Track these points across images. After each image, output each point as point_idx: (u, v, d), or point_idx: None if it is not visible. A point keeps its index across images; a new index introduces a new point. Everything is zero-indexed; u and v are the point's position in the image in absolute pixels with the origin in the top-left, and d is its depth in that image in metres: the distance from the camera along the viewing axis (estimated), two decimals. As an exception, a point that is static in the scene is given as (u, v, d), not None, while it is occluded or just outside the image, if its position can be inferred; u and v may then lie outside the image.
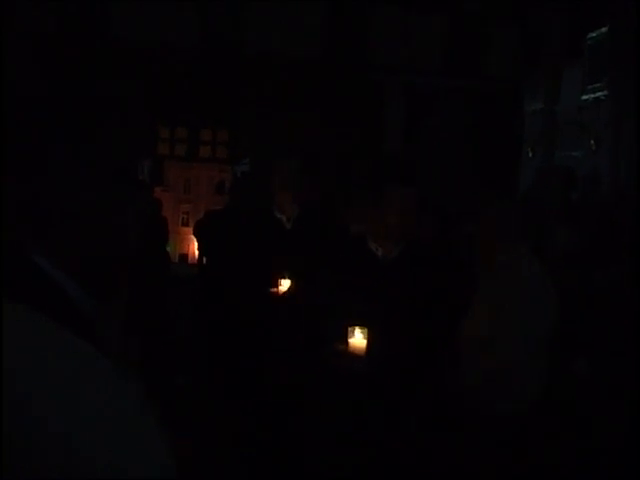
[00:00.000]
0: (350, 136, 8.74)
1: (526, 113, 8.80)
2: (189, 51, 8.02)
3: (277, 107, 8.83)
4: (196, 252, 9.76)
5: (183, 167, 10.70)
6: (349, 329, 3.69)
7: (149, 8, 7.72)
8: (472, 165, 4.37)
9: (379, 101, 8.87)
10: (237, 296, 5.67)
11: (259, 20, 8.27)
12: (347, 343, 3.67)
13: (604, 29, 7.26)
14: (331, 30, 8.46)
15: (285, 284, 5.31)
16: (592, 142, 7.78)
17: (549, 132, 8.17)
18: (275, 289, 5.32)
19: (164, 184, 10.30)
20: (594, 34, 7.42)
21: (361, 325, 3.68)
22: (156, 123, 9.20)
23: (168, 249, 9.10)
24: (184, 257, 11.12)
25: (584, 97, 7.84)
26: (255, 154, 8.16)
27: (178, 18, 7.90)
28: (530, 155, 8.83)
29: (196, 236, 8.46)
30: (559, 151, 8.50)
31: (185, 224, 11.04)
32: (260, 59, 8.26)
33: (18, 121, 1.31)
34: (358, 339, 3.68)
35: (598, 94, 7.59)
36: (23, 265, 1.29)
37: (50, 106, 1.31)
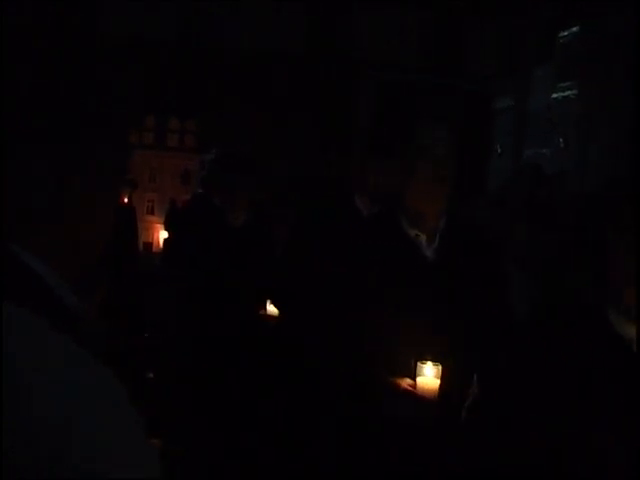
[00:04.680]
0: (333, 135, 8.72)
1: (496, 110, 8.88)
2: (167, 45, 7.95)
3: (259, 103, 8.80)
4: (161, 242, 9.74)
5: (149, 156, 10.66)
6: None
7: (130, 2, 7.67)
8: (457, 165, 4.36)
9: (360, 98, 8.88)
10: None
11: (239, 16, 8.25)
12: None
13: (575, 29, 7.34)
14: (313, 27, 8.46)
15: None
16: (561, 140, 7.86)
17: (518, 129, 8.26)
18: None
19: (129, 172, 10.24)
20: (565, 33, 7.49)
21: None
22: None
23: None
24: (148, 246, 11.10)
25: (554, 95, 7.92)
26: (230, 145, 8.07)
27: (158, 12, 7.84)
28: (499, 152, 8.91)
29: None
30: (528, 148, 8.59)
31: (150, 212, 11.02)
32: (241, 54, 8.24)
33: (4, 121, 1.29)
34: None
35: (568, 93, 7.67)
36: (10, 264, 1.27)
37: (33, 106, 1.30)
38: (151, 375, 4.98)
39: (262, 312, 5.06)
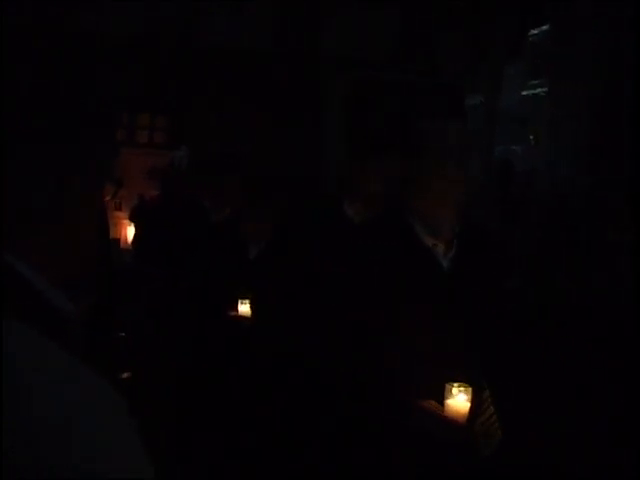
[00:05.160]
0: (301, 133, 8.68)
1: (466, 107, 8.91)
2: (139, 40, 7.84)
3: (231, 101, 8.73)
4: (129, 238, 9.69)
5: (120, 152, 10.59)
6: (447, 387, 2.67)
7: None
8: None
9: (329, 96, 8.85)
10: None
11: (211, 11, 8.18)
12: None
13: (545, 27, 7.40)
14: (283, 23, 8.42)
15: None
16: (531, 137, 7.92)
17: (489, 126, 8.31)
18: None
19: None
20: (535, 32, 7.55)
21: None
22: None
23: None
24: (116, 242, 11.03)
25: (524, 93, 7.98)
26: (201, 143, 8.00)
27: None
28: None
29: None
30: (499, 145, 8.65)
31: (118, 209, 10.97)
32: (211, 51, 8.17)
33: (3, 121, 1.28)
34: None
35: (538, 90, 7.74)
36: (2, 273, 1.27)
37: (33, 106, 1.30)
38: (126, 375, 4.93)
39: (233, 313, 4.94)
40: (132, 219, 8.88)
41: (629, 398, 2.56)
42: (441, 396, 2.70)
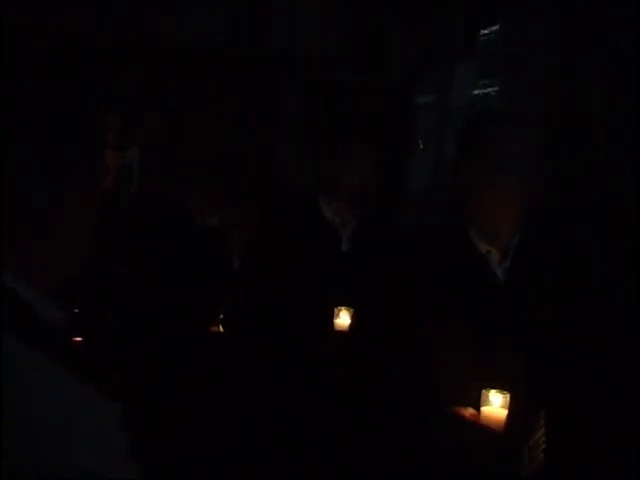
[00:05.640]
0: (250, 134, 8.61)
1: (417, 106, 8.97)
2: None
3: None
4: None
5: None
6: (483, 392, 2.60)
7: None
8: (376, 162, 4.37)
9: (279, 98, 8.81)
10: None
11: (159, 5, 8.08)
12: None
13: (496, 27, 7.48)
14: (234, 20, 8.37)
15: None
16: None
17: (441, 126, 8.37)
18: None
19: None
20: (486, 31, 7.63)
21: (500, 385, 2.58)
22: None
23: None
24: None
25: (475, 92, 8.06)
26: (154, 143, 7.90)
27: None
28: (421, 148, 9.00)
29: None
30: (451, 144, 8.71)
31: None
32: (160, 47, 8.07)
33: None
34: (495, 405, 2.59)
35: (489, 90, 7.81)
36: None
37: (33, 106, 1.30)
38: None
39: (214, 329, 4.79)
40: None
41: (629, 398, 2.61)
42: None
